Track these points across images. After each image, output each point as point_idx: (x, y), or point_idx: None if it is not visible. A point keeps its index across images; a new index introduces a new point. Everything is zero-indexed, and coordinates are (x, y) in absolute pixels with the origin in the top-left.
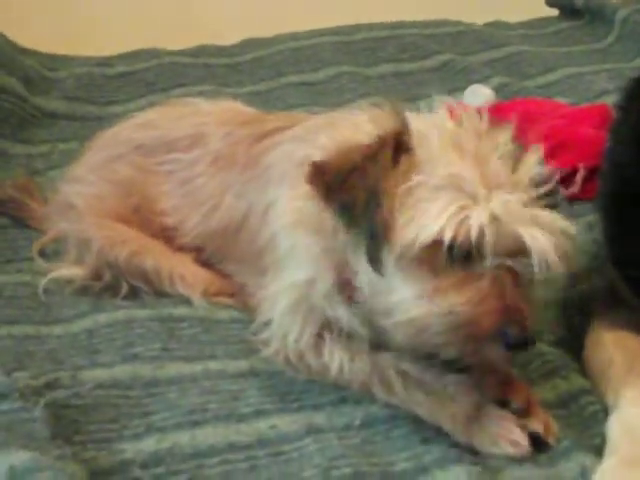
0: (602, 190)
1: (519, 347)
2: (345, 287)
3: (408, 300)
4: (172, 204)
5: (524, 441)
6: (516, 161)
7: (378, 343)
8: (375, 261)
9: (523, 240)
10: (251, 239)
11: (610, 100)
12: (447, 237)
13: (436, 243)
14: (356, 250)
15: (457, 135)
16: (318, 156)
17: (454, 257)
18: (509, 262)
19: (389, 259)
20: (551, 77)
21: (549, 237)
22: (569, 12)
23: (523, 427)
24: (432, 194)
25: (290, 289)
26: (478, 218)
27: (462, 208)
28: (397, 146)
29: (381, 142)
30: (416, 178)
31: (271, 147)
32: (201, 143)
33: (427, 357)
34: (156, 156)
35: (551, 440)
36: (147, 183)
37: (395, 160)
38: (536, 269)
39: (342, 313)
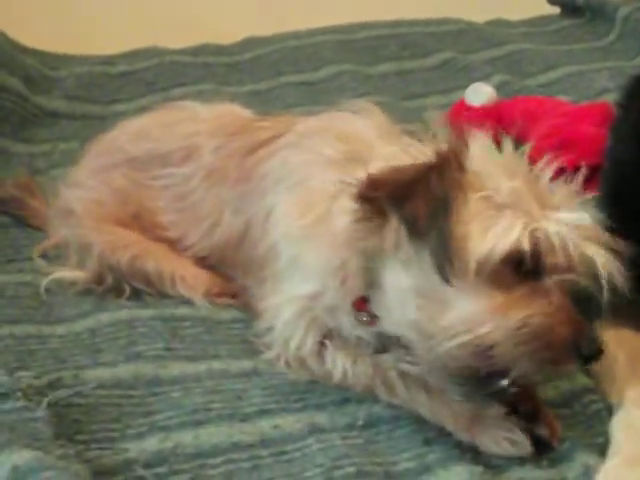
0: (603, 188)
1: (593, 358)
2: (360, 306)
3: (476, 316)
4: (169, 219)
5: (526, 441)
6: (560, 188)
7: (381, 347)
8: (444, 271)
9: (587, 257)
10: (252, 249)
11: (611, 98)
12: (525, 247)
13: (510, 256)
14: (397, 261)
15: (504, 160)
16: (318, 161)
17: (519, 271)
18: (573, 279)
19: (457, 272)
20: (552, 75)
21: (612, 256)
22: (570, 10)
23: (527, 429)
24: (498, 210)
25: (293, 301)
26: (552, 228)
27: (530, 222)
28: (459, 164)
29: (444, 158)
30: (482, 193)
31: (266, 157)
32: (194, 156)
33: (474, 383)
34: (150, 170)
35: (555, 443)
36: (143, 197)
37: (460, 176)
38: (604, 288)
39: (347, 324)
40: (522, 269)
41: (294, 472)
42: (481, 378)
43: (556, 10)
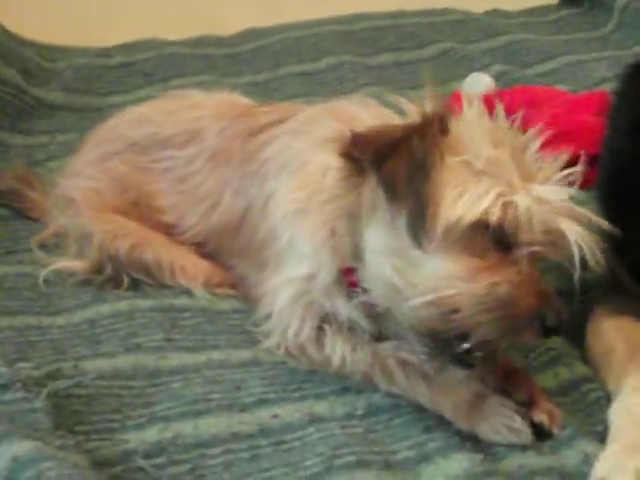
0: (600, 177)
1: (554, 331)
2: (347, 275)
3: (444, 278)
4: (170, 202)
5: (526, 429)
6: (544, 161)
7: (378, 334)
8: (417, 235)
9: (560, 231)
10: (252, 233)
11: (610, 88)
12: (493, 217)
13: (479, 224)
14: (374, 222)
15: (492, 127)
16: (315, 144)
17: (491, 241)
18: (544, 250)
19: (428, 235)
20: (551, 65)
21: (587, 232)
22: (569, 0)
23: (526, 416)
24: (475, 177)
25: (289, 284)
26: (523, 203)
27: (505, 193)
28: (442, 128)
29: (427, 120)
30: (461, 157)
31: (268, 141)
32: (197, 139)
33: (438, 344)
34: (151, 154)
35: (555, 430)
36: (143, 181)
37: (440, 139)
38: (575, 261)
39: (342, 307)
40: (493, 238)
41: (294, 461)
42: (444, 339)
43: (555, 0)
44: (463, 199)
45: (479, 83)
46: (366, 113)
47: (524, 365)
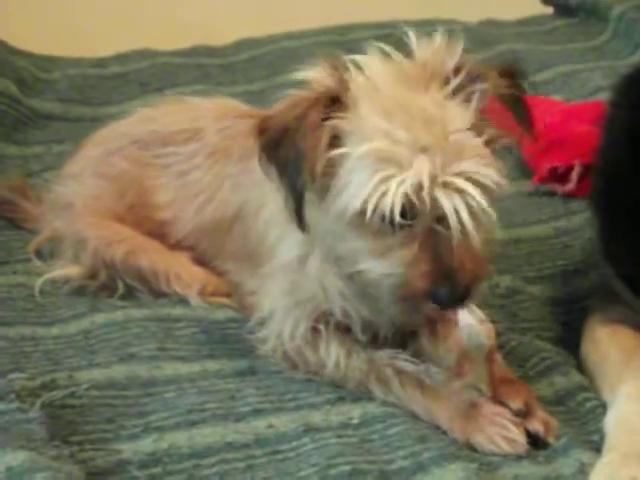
0: (595, 187)
1: (452, 305)
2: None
3: (357, 252)
4: (168, 197)
5: (521, 439)
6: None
7: (375, 335)
8: (295, 220)
9: (439, 202)
10: (244, 236)
11: (605, 97)
12: (370, 207)
13: (362, 212)
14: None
15: (390, 92)
16: None
17: (388, 222)
18: (436, 226)
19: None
20: (546, 75)
21: (465, 202)
22: (564, 10)
23: (521, 426)
24: (359, 163)
25: (281, 272)
26: (400, 189)
27: (385, 178)
28: (328, 108)
29: (312, 101)
30: (341, 150)
31: None
32: (198, 137)
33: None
34: (152, 149)
35: (551, 439)
36: (143, 176)
37: (323, 123)
38: (453, 232)
39: (335, 292)
40: (389, 221)
41: (289, 471)
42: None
43: (549, 10)
44: (346, 190)
45: None
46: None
47: (518, 373)
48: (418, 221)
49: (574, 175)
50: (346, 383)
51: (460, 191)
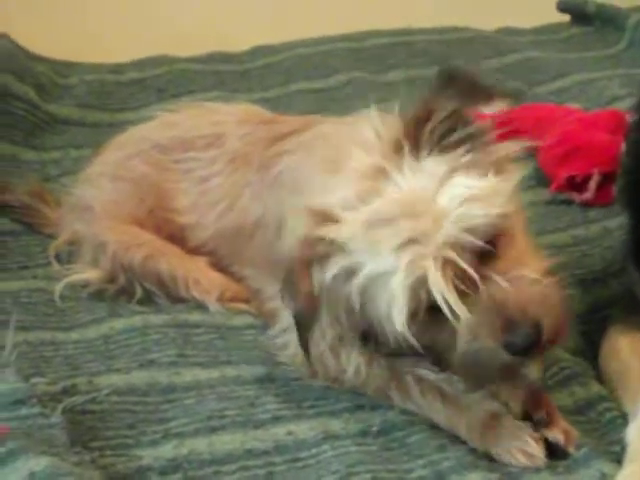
0: (624, 186)
1: (530, 348)
2: None
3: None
4: (188, 202)
5: (539, 453)
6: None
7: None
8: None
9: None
10: (266, 248)
11: (622, 106)
12: (422, 303)
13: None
14: None
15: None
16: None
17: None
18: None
19: None
20: (562, 83)
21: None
22: (580, 18)
23: (539, 438)
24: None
25: None
26: (394, 289)
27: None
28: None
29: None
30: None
31: (282, 153)
32: (219, 142)
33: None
34: (173, 154)
35: (571, 449)
36: (164, 180)
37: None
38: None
39: None
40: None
41: (309, 479)
42: None
43: (566, 18)
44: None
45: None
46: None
47: (540, 384)
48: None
49: (592, 184)
50: (366, 390)
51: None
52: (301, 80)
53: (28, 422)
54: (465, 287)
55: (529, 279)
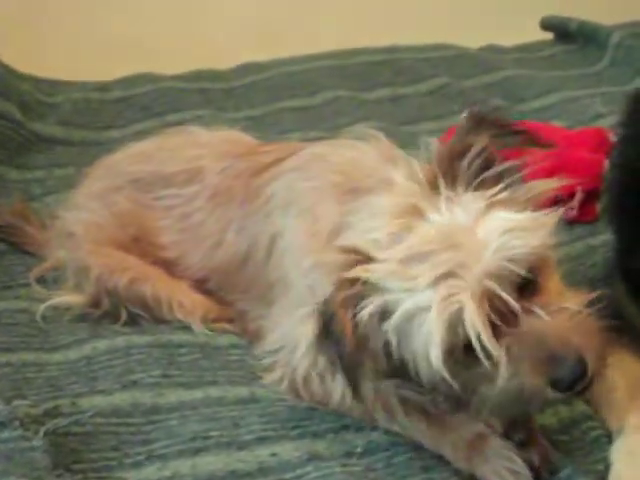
0: (610, 201)
1: (577, 383)
2: None
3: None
4: (171, 239)
5: (526, 472)
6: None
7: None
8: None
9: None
10: (257, 273)
11: (605, 123)
12: (459, 339)
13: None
14: None
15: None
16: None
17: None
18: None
19: None
20: (546, 101)
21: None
22: (563, 36)
23: (525, 458)
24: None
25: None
26: (430, 326)
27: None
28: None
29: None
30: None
31: (272, 179)
32: (198, 178)
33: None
34: (153, 191)
35: (544, 472)
36: (145, 218)
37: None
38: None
39: None
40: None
41: None
42: None
43: (549, 36)
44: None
45: None
46: (371, 153)
47: None
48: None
49: (576, 201)
50: (351, 412)
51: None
52: (287, 98)
53: (9, 445)
54: (504, 323)
55: (570, 311)
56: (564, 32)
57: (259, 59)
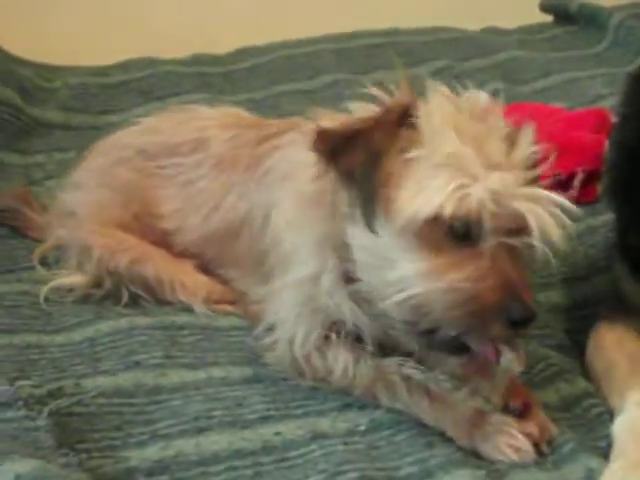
0: (611, 180)
1: (523, 322)
2: (346, 275)
3: (409, 277)
4: (173, 207)
5: (529, 448)
6: (511, 143)
7: (383, 345)
8: (371, 221)
9: (523, 217)
10: (252, 243)
11: (605, 105)
12: (447, 212)
13: (437, 219)
14: (354, 220)
15: (456, 117)
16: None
17: (454, 235)
18: (509, 241)
19: (389, 232)
20: (546, 82)
21: (549, 212)
22: (563, 18)
23: (525, 432)
24: (433, 171)
25: (295, 287)
26: (478, 194)
27: (462, 185)
28: (402, 118)
29: (387, 110)
30: (418, 152)
31: (272, 150)
32: (203, 147)
33: (426, 337)
34: (158, 160)
35: (543, 445)
36: (148, 187)
37: (398, 130)
38: (537, 244)
39: (347, 309)
40: (455, 232)
41: (296, 478)
42: (425, 331)
43: (549, 18)
44: (420, 194)
45: None
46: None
47: (524, 380)
48: (484, 236)
49: (576, 182)
50: (353, 390)
51: (546, 206)
52: (286, 81)
53: (14, 425)
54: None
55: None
56: (564, 14)
57: (258, 43)
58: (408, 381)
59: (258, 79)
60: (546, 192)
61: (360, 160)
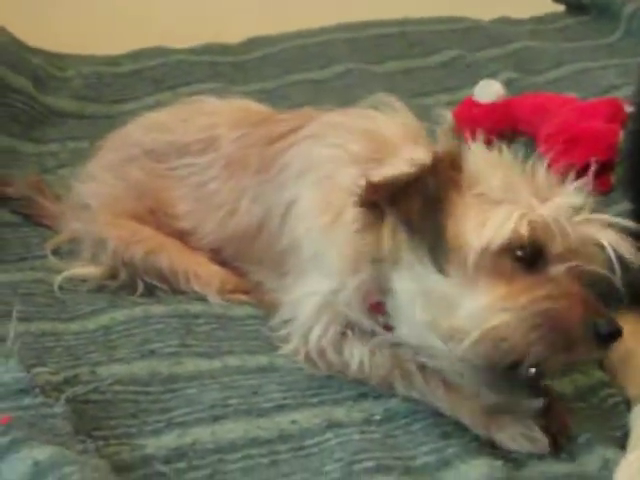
0: (630, 170)
1: (611, 338)
2: (374, 309)
3: (483, 310)
4: (186, 209)
5: (544, 438)
6: (555, 179)
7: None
8: (441, 264)
9: (592, 238)
10: (271, 241)
11: (618, 95)
12: (523, 233)
13: (504, 249)
14: (401, 264)
15: (499, 158)
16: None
17: (522, 263)
18: (580, 262)
19: (456, 270)
20: (558, 73)
21: (620, 236)
22: (576, 8)
23: (543, 425)
24: (492, 205)
25: (315, 295)
26: (549, 215)
27: (526, 214)
28: (453, 163)
29: (438, 158)
30: (474, 191)
31: (286, 148)
32: (213, 147)
33: (507, 379)
34: (168, 161)
35: (561, 439)
36: (160, 188)
37: (451, 174)
38: (614, 264)
39: (365, 321)
40: (525, 260)
41: (313, 467)
42: (506, 371)
43: (561, 8)
44: (487, 226)
45: (489, 90)
46: (392, 124)
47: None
48: (552, 261)
49: (590, 172)
50: (369, 381)
51: (609, 225)
52: (298, 71)
53: (31, 412)
54: None
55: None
56: (577, 4)
57: (269, 32)
58: (424, 370)
59: (269, 69)
60: (606, 215)
61: (420, 206)
